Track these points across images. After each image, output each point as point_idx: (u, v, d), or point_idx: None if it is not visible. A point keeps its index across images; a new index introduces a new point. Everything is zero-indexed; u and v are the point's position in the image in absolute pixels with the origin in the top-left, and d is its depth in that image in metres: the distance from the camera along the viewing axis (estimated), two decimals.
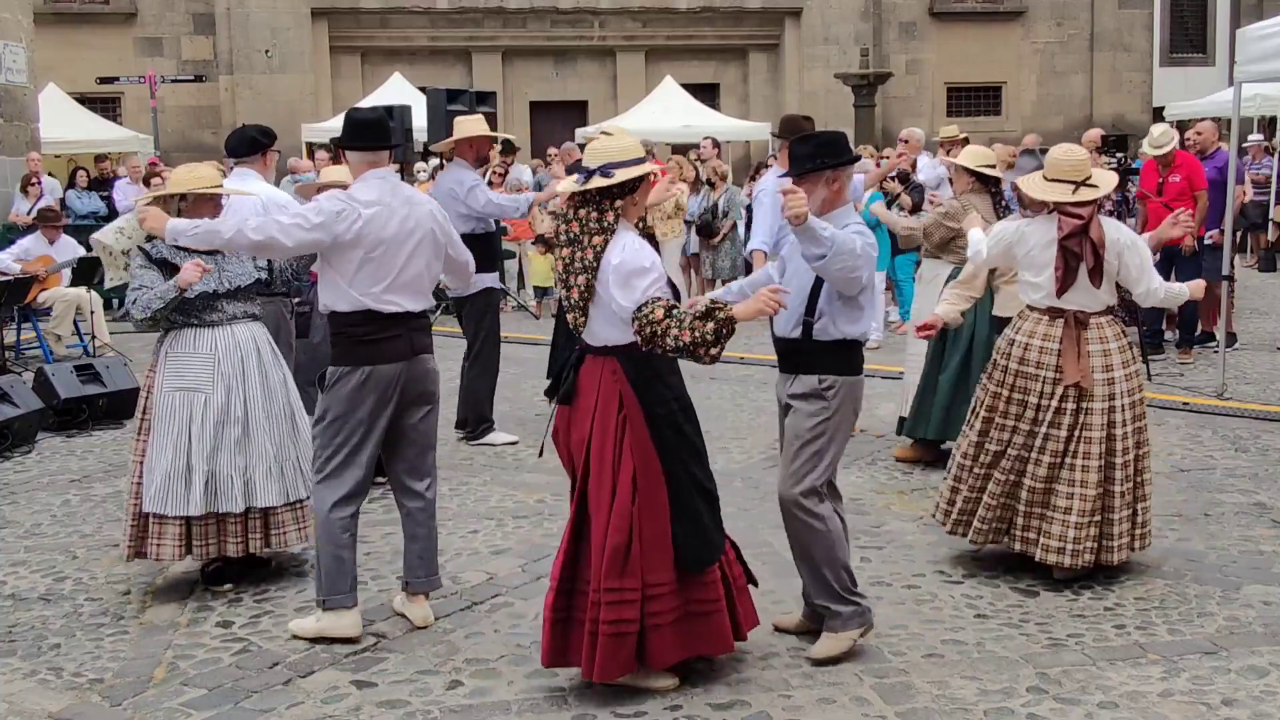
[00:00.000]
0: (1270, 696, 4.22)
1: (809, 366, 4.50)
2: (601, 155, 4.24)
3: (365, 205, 4.74)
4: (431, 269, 4.96)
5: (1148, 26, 28.19)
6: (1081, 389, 5.23)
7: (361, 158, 4.91)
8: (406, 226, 4.81)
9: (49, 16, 22.84)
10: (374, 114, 5.10)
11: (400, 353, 4.80)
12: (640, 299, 4.09)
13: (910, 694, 4.28)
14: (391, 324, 4.78)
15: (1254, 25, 9.37)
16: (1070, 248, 5.20)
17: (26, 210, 14.46)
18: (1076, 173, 5.20)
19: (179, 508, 5.20)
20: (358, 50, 25.99)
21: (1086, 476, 5.22)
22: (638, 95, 24.40)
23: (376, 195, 4.79)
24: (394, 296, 4.78)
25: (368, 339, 4.76)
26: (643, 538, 4.18)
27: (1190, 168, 10.44)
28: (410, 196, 4.95)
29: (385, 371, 4.76)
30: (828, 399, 4.48)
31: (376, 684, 4.45)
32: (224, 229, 4.82)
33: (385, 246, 4.74)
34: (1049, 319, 5.31)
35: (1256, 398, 9.04)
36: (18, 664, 4.70)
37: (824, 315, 4.45)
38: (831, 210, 4.47)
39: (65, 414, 8.77)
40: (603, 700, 4.27)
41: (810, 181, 4.43)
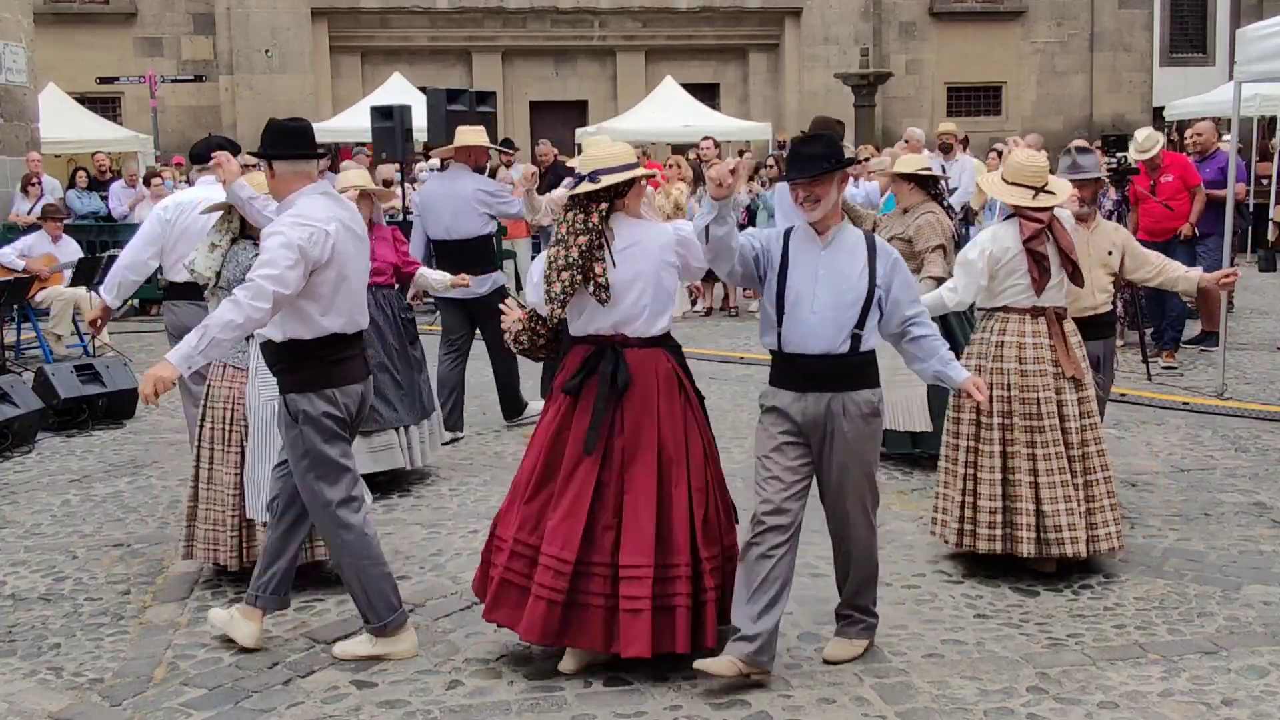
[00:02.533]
0: (1270, 696, 4.22)
1: (856, 382, 4.34)
2: (592, 162, 4.44)
3: (326, 223, 4.46)
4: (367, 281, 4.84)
5: (1148, 26, 28.21)
6: (1077, 380, 5.40)
7: (293, 169, 4.58)
8: (359, 242, 4.66)
9: (49, 16, 22.85)
10: (299, 123, 4.75)
11: (359, 373, 4.66)
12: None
13: (910, 694, 4.28)
14: (348, 344, 4.61)
15: (1254, 25, 9.38)
16: (1034, 249, 5.34)
17: (27, 210, 14.46)
18: (1037, 179, 5.38)
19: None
20: (358, 50, 26.00)
21: (1104, 460, 5.46)
22: (638, 95, 24.40)
23: (330, 211, 4.53)
24: (359, 315, 4.66)
25: (333, 360, 4.56)
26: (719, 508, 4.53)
27: (1181, 166, 10.46)
28: (353, 208, 4.81)
29: (351, 392, 4.61)
30: (880, 416, 4.43)
31: (376, 684, 4.45)
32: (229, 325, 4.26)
33: (350, 263, 4.56)
34: (1031, 317, 5.40)
35: (1256, 398, 9.04)
36: (18, 664, 4.70)
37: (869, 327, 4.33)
38: (839, 216, 4.41)
39: (65, 414, 8.77)
40: (603, 700, 4.27)
41: (825, 182, 4.31)
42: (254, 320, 4.29)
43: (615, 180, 4.40)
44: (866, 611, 4.62)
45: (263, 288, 4.27)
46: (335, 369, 4.56)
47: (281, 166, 4.56)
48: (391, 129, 14.27)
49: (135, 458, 7.89)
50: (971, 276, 5.45)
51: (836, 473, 4.38)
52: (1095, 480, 5.38)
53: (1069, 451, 5.33)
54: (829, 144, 4.40)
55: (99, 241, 14.35)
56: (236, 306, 4.26)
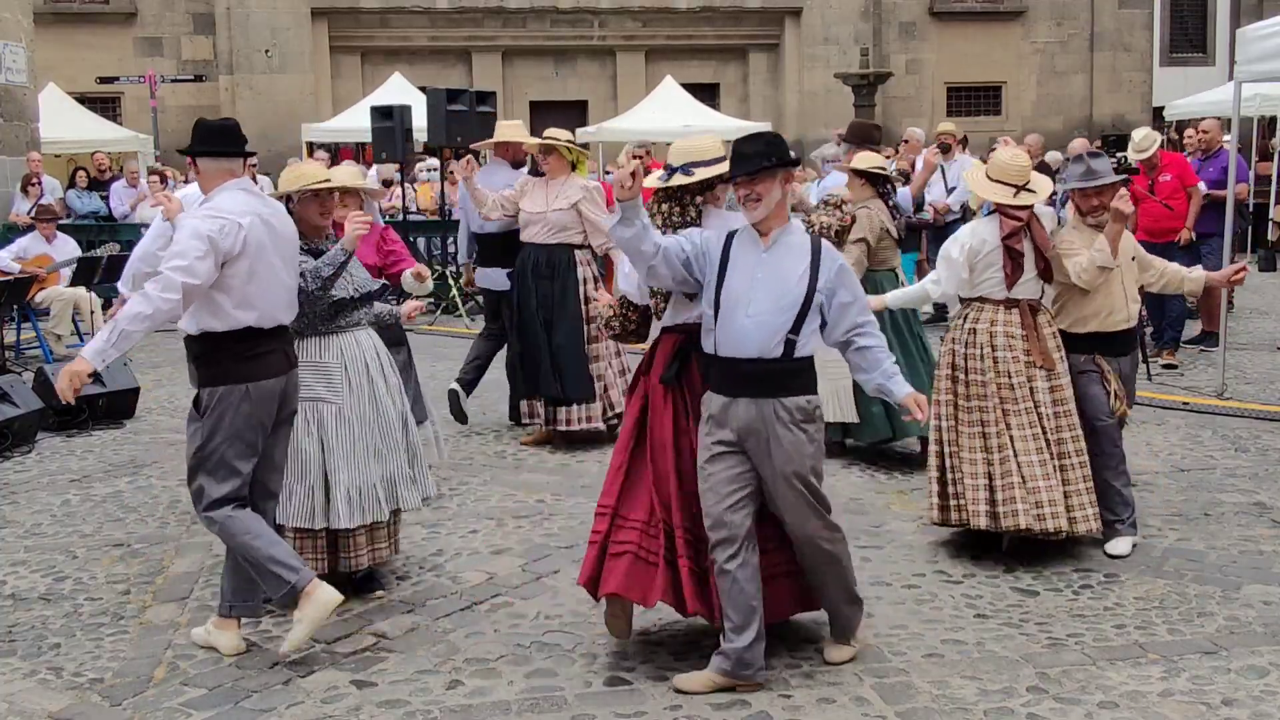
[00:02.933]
0: (1270, 696, 4.22)
1: (788, 388, 4.24)
2: (684, 154, 4.49)
3: (240, 216, 4.52)
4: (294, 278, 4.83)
5: (1148, 26, 28.21)
6: (1048, 369, 5.58)
7: (217, 165, 4.65)
8: (279, 236, 4.67)
9: (49, 16, 22.85)
10: (225, 122, 4.86)
11: (278, 367, 4.66)
12: None
13: (910, 694, 4.28)
14: (268, 338, 4.62)
15: (1254, 25, 9.37)
16: (1011, 245, 5.52)
17: (27, 210, 14.46)
18: (1019, 177, 5.51)
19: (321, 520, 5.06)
20: (358, 50, 26.01)
21: (1079, 445, 5.57)
22: (638, 95, 24.40)
23: (245, 205, 4.58)
24: (276, 310, 4.66)
25: (249, 355, 4.58)
26: None
27: (1179, 166, 10.46)
28: (274, 204, 4.81)
29: (267, 387, 4.61)
30: (816, 422, 4.30)
31: (376, 684, 4.45)
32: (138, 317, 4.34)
33: (266, 257, 4.58)
34: (1004, 308, 5.59)
35: (1256, 398, 9.03)
36: (18, 664, 4.69)
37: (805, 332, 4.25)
38: (783, 217, 4.32)
39: (65, 414, 8.76)
40: (603, 700, 4.27)
41: (766, 181, 4.22)
42: (163, 312, 4.37)
43: (710, 174, 4.49)
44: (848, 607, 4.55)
45: (171, 279, 4.33)
46: (249, 364, 4.58)
47: (205, 163, 4.67)
48: (391, 129, 14.28)
49: (135, 458, 7.89)
50: (952, 270, 5.67)
51: (776, 481, 4.27)
52: (1070, 465, 5.52)
53: (1045, 435, 5.51)
54: (770, 142, 4.30)
55: (99, 241, 14.35)
56: (145, 299, 4.34)
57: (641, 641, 4.76)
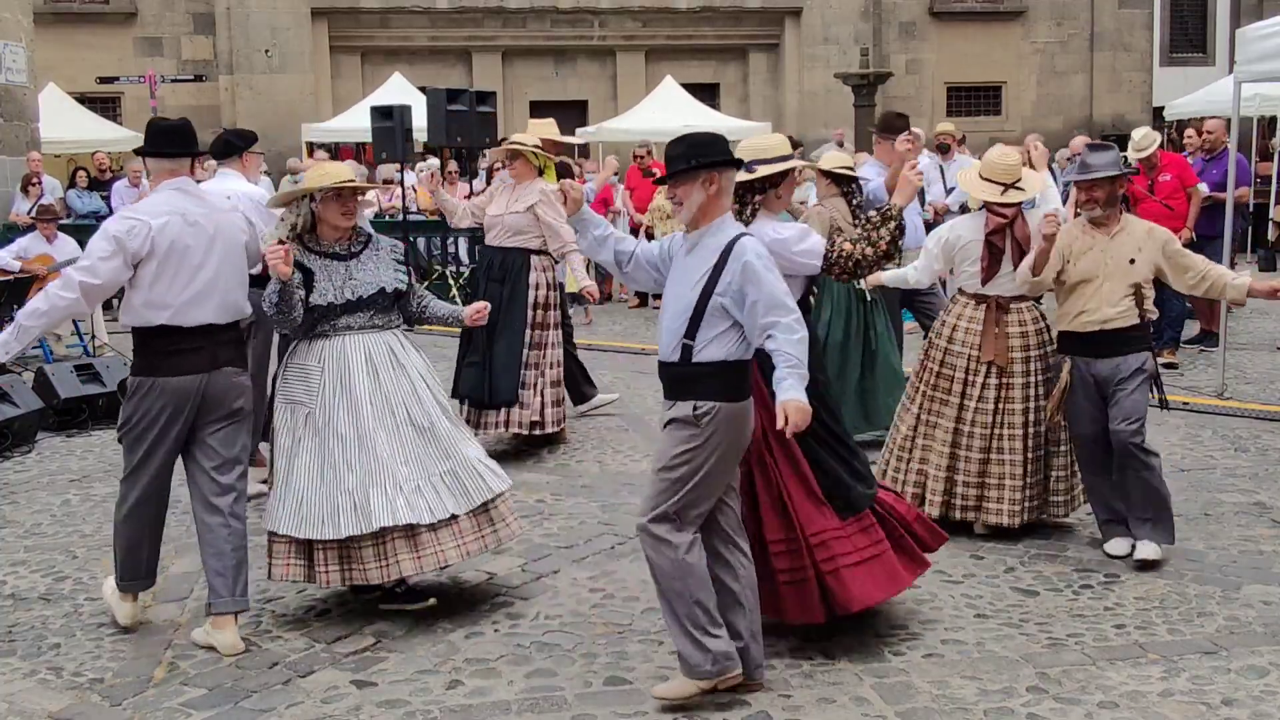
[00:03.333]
0: (1270, 696, 4.22)
1: (686, 392, 4.16)
2: (751, 151, 4.56)
3: (154, 216, 4.68)
4: (239, 279, 4.88)
5: (1148, 26, 28.20)
6: (1000, 367, 5.79)
7: (160, 165, 4.85)
8: (207, 235, 4.75)
9: (49, 16, 22.83)
10: (175, 122, 5.00)
11: (197, 365, 4.74)
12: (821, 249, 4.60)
13: (910, 694, 4.28)
14: (191, 337, 4.73)
15: (1254, 25, 9.37)
16: (994, 242, 5.74)
17: (27, 210, 14.45)
18: (1008, 175, 5.66)
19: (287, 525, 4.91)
20: (358, 50, 25.99)
21: (1014, 444, 5.81)
22: (638, 95, 24.40)
23: (168, 205, 4.73)
24: (192, 308, 4.72)
25: (165, 352, 4.72)
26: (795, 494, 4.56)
27: (1179, 166, 10.46)
28: (211, 204, 4.89)
29: (178, 384, 4.72)
30: (700, 426, 4.11)
31: (376, 684, 4.45)
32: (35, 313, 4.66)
33: (179, 257, 4.68)
34: (975, 303, 5.88)
35: (1256, 398, 9.04)
36: (18, 664, 4.70)
37: (704, 336, 4.13)
38: (710, 219, 4.19)
39: (65, 414, 8.77)
40: (603, 700, 4.27)
41: (685, 183, 4.15)
42: (60, 309, 4.70)
43: (769, 171, 4.54)
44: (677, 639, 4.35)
45: (70, 278, 4.65)
46: (165, 360, 4.72)
47: (151, 163, 4.91)
48: (391, 129, 14.27)
49: None
50: (928, 260, 6.05)
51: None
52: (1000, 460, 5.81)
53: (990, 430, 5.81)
54: (692, 144, 4.19)
55: None
56: (45, 296, 4.68)
57: (641, 641, 4.76)
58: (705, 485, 4.15)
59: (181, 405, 4.75)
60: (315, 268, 4.96)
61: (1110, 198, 5.55)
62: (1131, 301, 5.49)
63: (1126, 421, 5.42)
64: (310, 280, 4.92)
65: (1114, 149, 5.62)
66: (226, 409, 4.85)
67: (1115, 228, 5.57)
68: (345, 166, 5.27)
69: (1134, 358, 5.50)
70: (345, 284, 4.97)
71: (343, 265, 4.99)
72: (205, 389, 4.77)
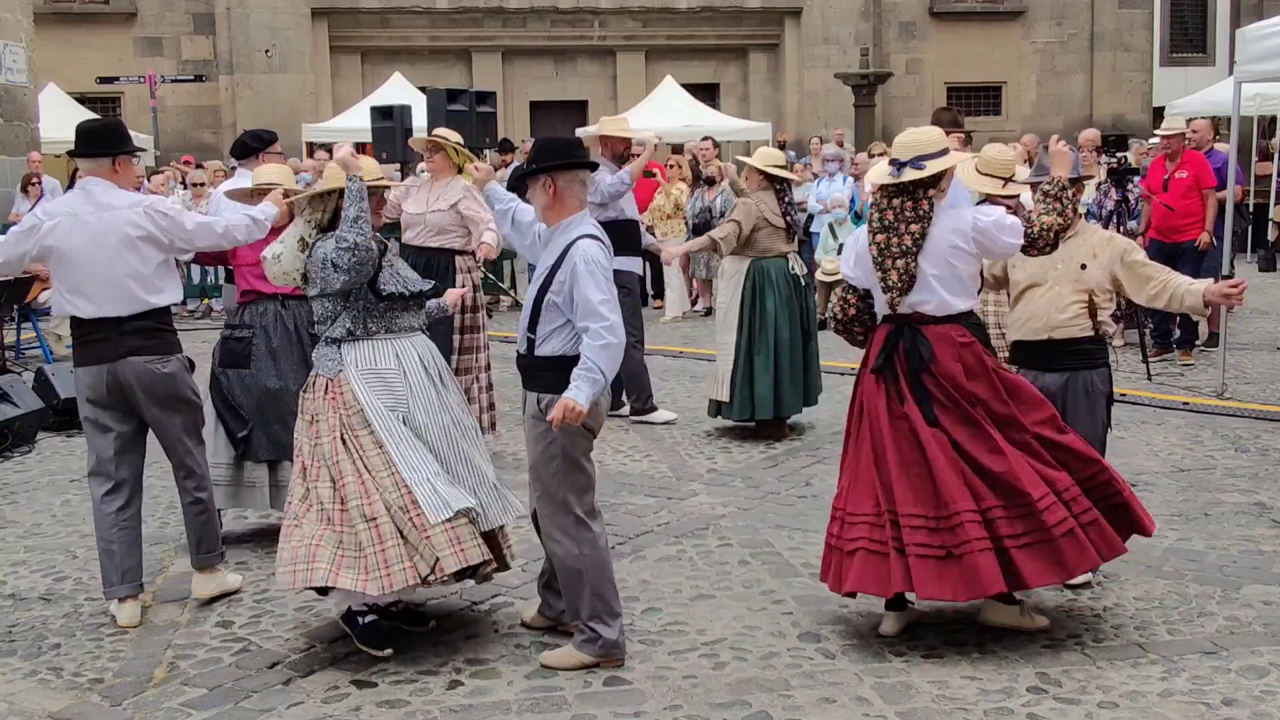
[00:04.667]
0: (1270, 696, 4.22)
1: (532, 383, 4.45)
2: (912, 148, 4.56)
3: (51, 216, 5.02)
4: (137, 273, 4.99)
5: (1148, 26, 28.22)
6: None
7: (83, 165, 5.13)
8: (94, 233, 4.95)
9: (49, 16, 22.85)
10: (100, 122, 5.27)
11: (102, 355, 5.00)
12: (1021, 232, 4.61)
13: (910, 694, 4.28)
14: (95, 328, 5.00)
15: (1254, 25, 9.37)
16: None
17: (27, 210, 14.45)
18: (1005, 170, 5.64)
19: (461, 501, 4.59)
20: (358, 50, 26.01)
21: None
22: (638, 95, 24.41)
23: (66, 206, 5.09)
24: (85, 301, 4.98)
25: (79, 341, 5.09)
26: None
27: (1198, 165, 10.44)
28: (106, 204, 5.01)
29: (91, 372, 5.03)
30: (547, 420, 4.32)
31: (376, 684, 4.44)
32: None
33: (72, 254, 4.95)
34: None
35: (1256, 398, 9.04)
36: (18, 664, 4.70)
37: (543, 330, 4.37)
38: (559, 218, 4.43)
39: (65, 414, 8.75)
40: (602, 700, 4.27)
41: (531, 185, 4.48)
42: None
43: (941, 166, 4.58)
44: (585, 624, 4.50)
45: None
46: (79, 349, 5.11)
47: (80, 163, 5.16)
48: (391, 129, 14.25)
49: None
50: None
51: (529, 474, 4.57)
52: None
53: None
54: (537, 149, 4.50)
55: None
56: None
57: (641, 641, 4.76)
58: (579, 472, 4.42)
59: (101, 394, 5.03)
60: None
61: None
62: (1082, 310, 5.21)
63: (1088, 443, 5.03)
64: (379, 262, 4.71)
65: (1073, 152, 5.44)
66: (159, 399, 5.08)
67: (1072, 233, 5.26)
68: (373, 163, 5.16)
69: (1087, 374, 5.22)
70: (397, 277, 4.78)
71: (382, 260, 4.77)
72: (118, 378, 5.01)
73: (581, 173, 4.51)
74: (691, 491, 6.85)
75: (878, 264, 4.60)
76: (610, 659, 4.49)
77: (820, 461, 7.45)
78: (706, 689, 4.33)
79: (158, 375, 5.04)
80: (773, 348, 7.98)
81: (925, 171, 4.54)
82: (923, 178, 4.55)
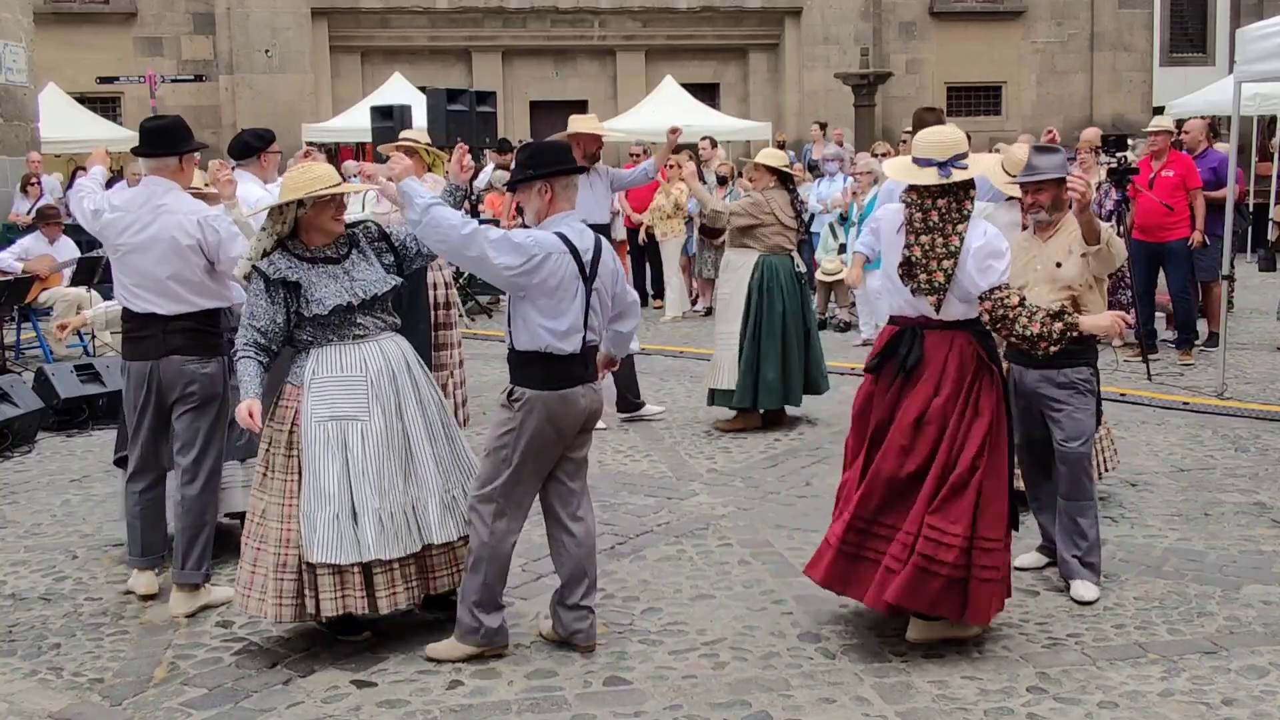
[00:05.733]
0: (1270, 696, 4.22)
1: (512, 376, 4.57)
2: (949, 148, 4.54)
3: (112, 210, 5.21)
4: (182, 277, 5.11)
5: (1148, 26, 28.21)
6: None
7: (147, 164, 5.24)
8: (146, 234, 5.10)
9: (49, 16, 22.84)
10: (163, 122, 5.33)
11: (149, 351, 5.15)
12: (996, 281, 4.46)
13: (910, 694, 4.28)
14: (144, 323, 5.15)
15: (1254, 25, 9.36)
16: None
17: (26, 210, 14.46)
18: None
19: (352, 554, 4.48)
20: (358, 50, 26.00)
21: None
22: (638, 95, 24.40)
23: (125, 201, 5.22)
24: (134, 297, 5.16)
25: (127, 335, 5.26)
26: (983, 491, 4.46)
27: (1184, 165, 10.47)
28: (161, 206, 5.11)
29: (137, 367, 5.18)
30: (513, 410, 4.48)
31: (376, 684, 4.45)
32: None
33: (124, 249, 5.15)
34: None
35: (1256, 398, 9.03)
36: (18, 664, 4.70)
37: (515, 325, 4.51)
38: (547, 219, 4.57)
39: (65, 414, 8.77)
40: (602, 700, 4.27)
41: (524, 191, 4.58)
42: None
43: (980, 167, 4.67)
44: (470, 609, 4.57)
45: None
46: (127, 343, 5.30)
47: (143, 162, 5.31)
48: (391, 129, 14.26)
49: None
50: None
51: None
52: None
53: None
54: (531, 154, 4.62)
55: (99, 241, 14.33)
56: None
57: (641, 641, 4.76)
58: (523, 468, 4.48)
59: (141, 387, 5.17)
60: (311, 276, 4.62)
61: (1056, 201, 5.18)
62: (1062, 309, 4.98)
63: (1069, 440, 5.09)
64: (298, 292, 4.59)
65: (1061, 152, 5.27)
66: (180, 394, 5.16)
67: (1053, 231, 5.23)
68: (329, 168, 4.93)
69: (1069, 371, 5.09)
70: (353, 284, 4.67)
71: (338, 268, 4.69)
72: (159, 374, 5.14)
73: (574, 178, 4.64)
74: (691, 491, 6.85)
75: (920, 266, 4.49)
76: (493, 647, 4.59)
77: (820, 461, 7.45)
78: (706, 689, 4.33)
79: (196, 375, 5.15)
80: (780, 341, 8.14)
81: (969, 172, 4.54)
82: (967, 178, 4.54)
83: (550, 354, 4.45)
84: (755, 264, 8.20)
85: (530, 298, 4.42)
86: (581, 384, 4.52)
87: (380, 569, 4.53)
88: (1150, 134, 10.67)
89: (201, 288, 5.16)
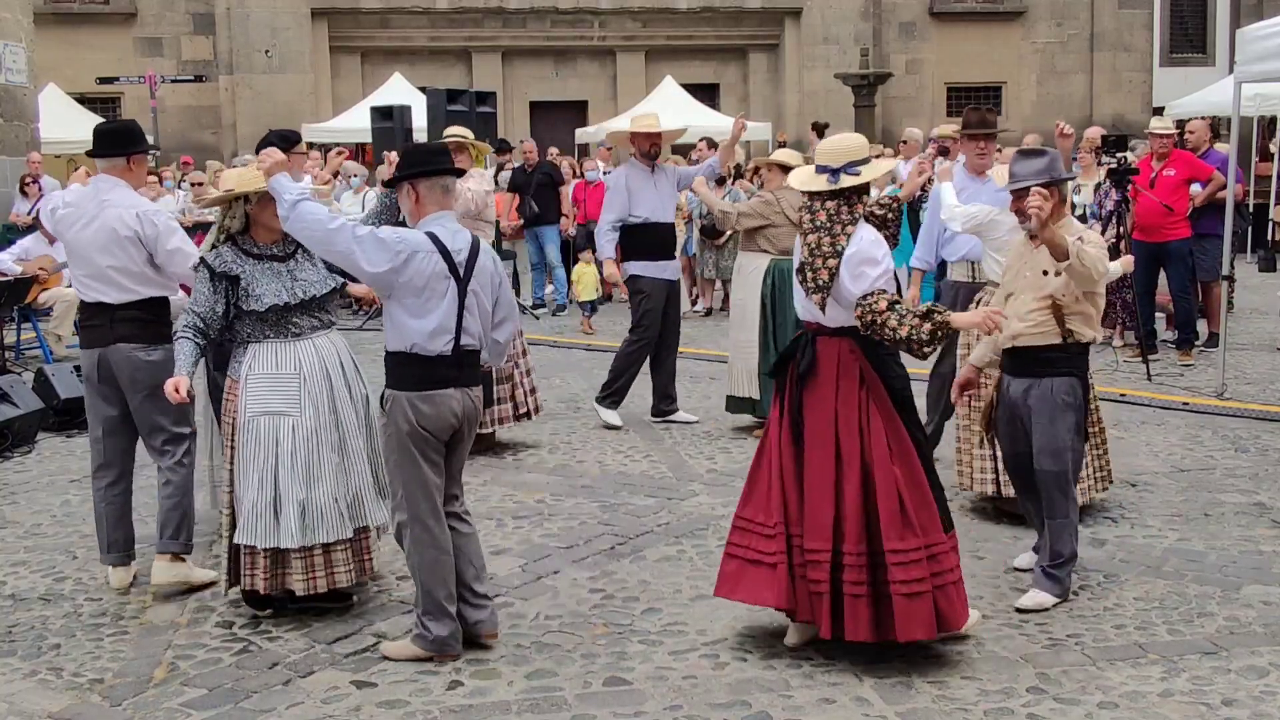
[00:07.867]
0: (1270, 696, 4.22)
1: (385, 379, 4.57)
2: (843, 154, 4.60)
3: (65, 206, 5.54)
4: (124, 268, 5.30)
5: (1148, 26, 28.23)
6: None
7: (100, 164, 5.48)
8: (92, 226, 5.33)
9: (49, 16, 22.86)
10: (115, 124, 5.74)
11: (98, 339, 5.35)
12: (867, 288, 4.41)
13: (910, 694, 4.28)
14: (95, 312, 5.37)
15: (1254, 25, 9.36)
16: None
17: (26, 210, 14.45)
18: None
19: (269, 539, 4.82)
20: (358, 50, 26.02)
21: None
22: (638, 95, 24.41)
23: (76, 198, 5.55)
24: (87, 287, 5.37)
25: (81, 324, 5.47)
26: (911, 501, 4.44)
27: (1188, 160, 10.49)
28: (105, 201, 5.36)
29: (87, 355, 5.40)
30: (385, 413, 4.54)
31: (376, 684, 4.45)
32: None
33: (71, 241, 5.42)
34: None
35: (1256, 398, 9.03)
36: (18, 664, 4.70)
37: (385, 326, 4.55)
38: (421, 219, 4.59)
39: (65, 414, 8.76)
40: (602, 700, 4.27)
41: (398, 193, 4.69)
42: None
43: (876, 173, 4.68)
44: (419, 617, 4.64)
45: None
46: (81, 332, 5.49)
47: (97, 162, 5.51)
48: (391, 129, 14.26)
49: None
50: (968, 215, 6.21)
51: None
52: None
53: None
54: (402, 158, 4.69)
55: None
56: None
57: (641, 641, 4.76)
58: (408, 469, 4.50)
59: (94, 376, 5.37)
60: (254, 272, 4.87)
61: None
62: (1046, 317, 5.01)
63: (1041, 455, 5.04)
64: (237, 286, 4.85)
65: (1046, 155, 5.09)
66: (128, 381, 5.33)
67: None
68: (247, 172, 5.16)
69: (1049, 383, 5.02)
70: (294, 284, 4.91)
71: (283, 266, 4.94)
72: (108, 362, 5.31)
73: (443, 179, 4.63)
74: (691, 491, 6.85)
75: (809, 265, 4.52)
76: (444, 655, 4.59)
77: None
78: (706, 689, 4.33)
79: (141, 363, 5.31)
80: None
81: (861, 178, 4.58)
82: (859, 184, 4.59)
83: (417, 354, 4.45)
84: (766, 270, 7.96)
85: (397, 297, 4.46)
86: (454, 386, 4.49)
87: (299, 554, 4.87)
88: (1155, 136, 10.64)
89: (143, 277, 5.36)
